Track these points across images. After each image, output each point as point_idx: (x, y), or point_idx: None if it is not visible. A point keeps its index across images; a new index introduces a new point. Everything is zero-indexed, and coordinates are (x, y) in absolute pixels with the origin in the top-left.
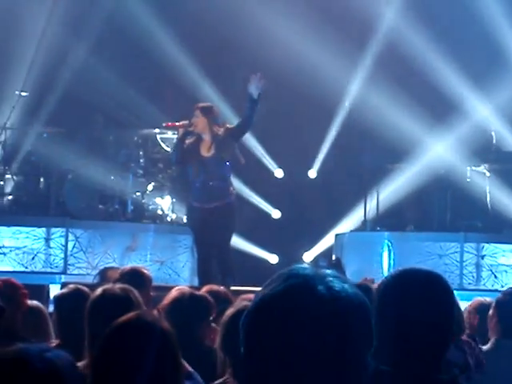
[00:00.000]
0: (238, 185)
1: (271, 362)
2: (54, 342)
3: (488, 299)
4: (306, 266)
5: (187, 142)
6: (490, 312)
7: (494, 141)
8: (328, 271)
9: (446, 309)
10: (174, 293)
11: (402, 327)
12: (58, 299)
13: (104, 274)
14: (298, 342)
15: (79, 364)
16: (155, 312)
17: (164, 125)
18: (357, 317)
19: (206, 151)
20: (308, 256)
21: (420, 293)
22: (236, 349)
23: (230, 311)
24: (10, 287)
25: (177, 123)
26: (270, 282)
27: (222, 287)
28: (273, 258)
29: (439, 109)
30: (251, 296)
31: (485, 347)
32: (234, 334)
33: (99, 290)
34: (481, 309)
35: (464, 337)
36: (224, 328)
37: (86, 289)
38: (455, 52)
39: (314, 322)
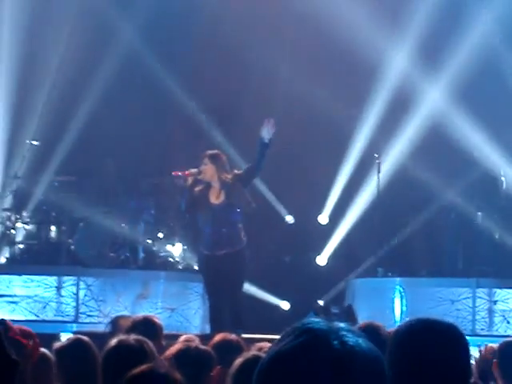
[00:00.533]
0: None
1: None
2: None
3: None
4: (318, 319)
5: (196, 190)
6: (494, 361)
7: (504, 186)
8: (341, 324)
9: (463, 360)
10: (177, 345)
11: (419, 378)
12: (59, 351)
13: (116, 323)
14: None
15: None
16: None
17: (173, 173)
18: (372, 372)
19: (215, 198)
20: (320, 303)
21: (437, 343)
22: None
23: (238, 361)
24: (26, 336)
25: (186, 172)
26: (283, 336)
27: (234, 335)
28: (284, 305)
29: (450, 155)
30: (263, 345)
31: None
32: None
33: (114, 341)
34: (492, 356)
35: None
36: (233, 378)
37: (86, 338)
38: (466, 98)
39: (329, 378)
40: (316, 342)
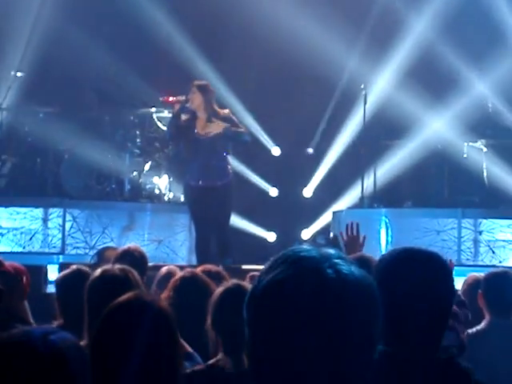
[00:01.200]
0: (235, 163)
1: (281, 346)
2: (57, 323)
3: (483, 275)
4: (309, 247)
5: (183, 118)
6: (479, 292)
7: (491, 116)
8: (332, 251)
9: (446, 288)
10: (180, 273)
11: (402, 306)
12: (60, 281)
13: (102, 254)
14: (309, 326)
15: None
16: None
17: (161, 99)
18: (366, 299)
19: (201, 129)
20: (306, 234)
21: (420, 272)
22: (227, 327)
23: (218, 290)
24: (18, 273)
25: (173, 98)
26: (273, 264)
27: (217, 266)
28: (270, 236)
29: (436, 85)
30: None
31: (479, 327)
32: (224, 312)
33: (98, 271)
34: (477, 285)
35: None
36: (214, 307)
37: (87, 269)
38: (452, 29)
39: (324, 306)
40: (311, 270)
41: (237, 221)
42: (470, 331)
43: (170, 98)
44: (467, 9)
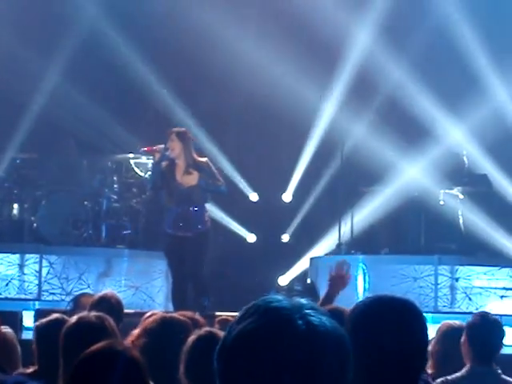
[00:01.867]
0: (213, 209)
1: None
2: (32, 369)
3: (458, 322)
4: (280, 296)
5: (163, 167)
6: (462, 337)
7: (467, 164)
8: (304, 302)
9: (420, 337)
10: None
11: (375, 356)
12: (40, 327)
13: (78, 301)
14: (278, 377)
15: None
16: (130, 340)
17: (141, 150)
18: (337, 350)
19: (180, 178)
20: (283, 280)
21: (393, 321)
22: (200, 376)
23: (191, 338)
24: None
25: (154, 147)
26: (244, 313)
27: (192, 313)
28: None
29: (412, 132)
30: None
31: (458, 374)
32: (197, 361)
33: (74, 318)
34: (451, 333)
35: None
36: (186, 355)
37: (67, 318)
38: (427, 76)
39: (294, 358)
40: (280, 321)
41: (214, 266)
42: (449, 377)
43: (151, 148)
44: (442, 55)
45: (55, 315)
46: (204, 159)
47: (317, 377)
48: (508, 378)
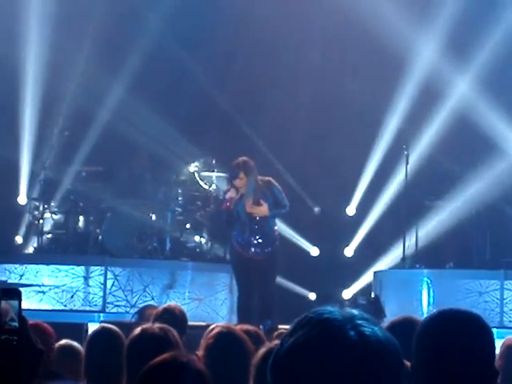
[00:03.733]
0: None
1: None
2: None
3: None
4: (332, 308)
5: (233, 205)
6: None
7: None
8: (355, 312)
9: (487, 351)
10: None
11: (442, 369)
12: (88, 340)
13: (142, 313)
14: (322, 381)
15: None
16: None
17: (223, 208)
18: (388, 361)
19: (249, 209)
20: (347, 293)
21: (460, 334)
22: None
23: (261, 351)
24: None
25: (228, 199)
26: (296, 326)
27: (254, 327)
28: (312, 296)
29: (478, 146)
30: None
31: None
32: (266, 374)
33: (138, 330)
34: None
35: None
36: (256, 369)
37: (114, 327)
38: (495, 89)
39: (347, 368)
40: (332, 332)
41: (278, 280)
42: None
43: (227, 204)
44: (509, 68)
45: (100, 326)
46: (267, 180)
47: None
48: None
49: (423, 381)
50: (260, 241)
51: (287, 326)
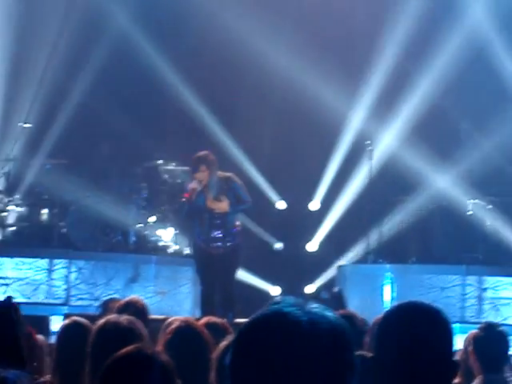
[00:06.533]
0: (240, 217)
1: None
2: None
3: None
4: (287, 298)
5: (194, 197)
6: (469, 348)
7: (496, 173)
8: (309, 302)
9: (445, 344)
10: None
11: (401, 362)
12: (58, 332)
13: (106, 306)
14: (279, 368)
15: None
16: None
17: (183, 199)
18: (338, 341)
19: (210, 204)
20: (310, 288)
21: (419, 327)
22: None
23: (222, 344)
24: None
25: (190, 189)
26: (252, 316)
27: (221, 320)
28: (275, 290)
29: (441, 142)
30: None
31: (475, 383)
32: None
33: (102, 321)
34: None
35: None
36: (217, 361)
37: (85, 321)
38: (458, 87)
39: (298, 351)
40: (282, 315)
41: (241, 274)
42: None
43: (189, 193)
44: (472, 66)
45: (73, 318)
46: (228, 175)
47: (319, 364)
48: None
49: (384, 373)
50: (221, 235)
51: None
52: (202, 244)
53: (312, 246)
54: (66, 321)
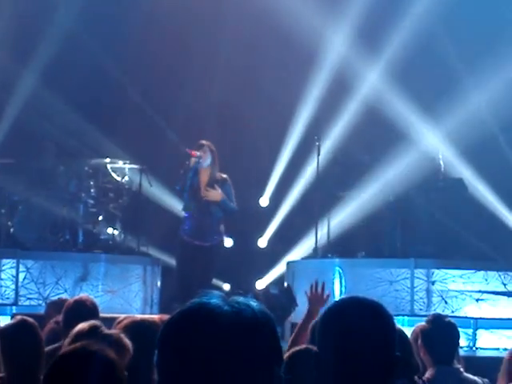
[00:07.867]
0: None
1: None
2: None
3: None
4: (212, 291)
5: (193, 174)
6: (419, 342)
7: (443, 168)
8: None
9: (386, 338)
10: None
11: (343, 357)
12: (3, 332)
13: (54, 305)
14: (206, 359)
15: None
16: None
17: (186, 150)
18: (262, 329)
19: (203, 190)
20: (260, 284)
21: (359, 322)
22: None
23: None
24: None
25: (194, 152)
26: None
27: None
28: (225, 287)
29: (388, 136)
30: None
31: (428, 375)
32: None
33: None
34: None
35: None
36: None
37: (31, 320)
38: (403, 79)
39: (219, 336)
40: (206, 305)
41: None
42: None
43: (193, 151)
44: (417, 59)
45: (18, 318)
46: (224, 176)
47: (243, 351)
48: (470, 376)
49: (326, 368)
50: (208, 223)
51: None
52: (186, 237)
53: (262, 241)
54: (13, 320)
